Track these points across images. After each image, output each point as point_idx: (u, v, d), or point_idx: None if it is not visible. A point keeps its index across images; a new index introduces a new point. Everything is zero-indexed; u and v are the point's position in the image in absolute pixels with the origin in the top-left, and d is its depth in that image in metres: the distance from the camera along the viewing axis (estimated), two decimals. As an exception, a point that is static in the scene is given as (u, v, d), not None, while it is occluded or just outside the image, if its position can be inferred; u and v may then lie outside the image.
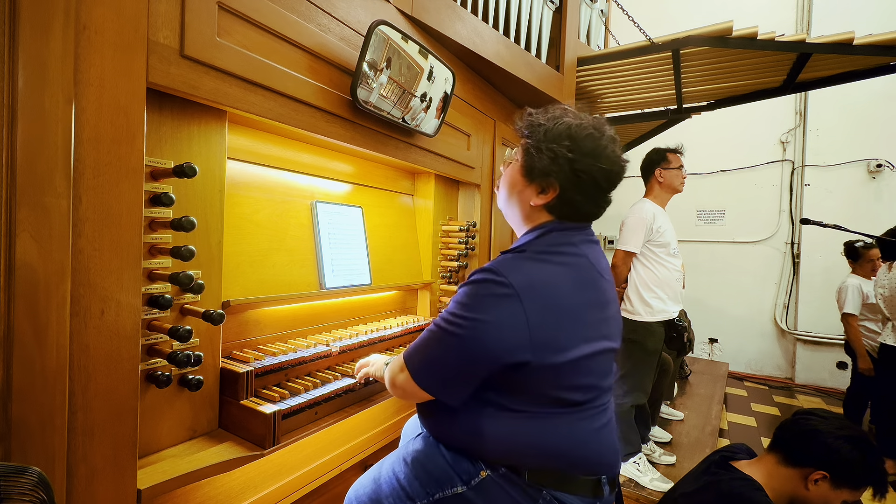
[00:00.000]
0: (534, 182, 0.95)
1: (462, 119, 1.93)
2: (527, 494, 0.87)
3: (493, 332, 0.81)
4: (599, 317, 0.92)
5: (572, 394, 0.87)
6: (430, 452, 0.98)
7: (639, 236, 2.24)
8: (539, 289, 0.83)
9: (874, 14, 3.93)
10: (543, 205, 0.95)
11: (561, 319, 0.84)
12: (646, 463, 2.25)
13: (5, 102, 0.68)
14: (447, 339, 0.87)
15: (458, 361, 0.86)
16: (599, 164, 0.90)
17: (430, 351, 0.90)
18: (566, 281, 0.88)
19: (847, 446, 1.14)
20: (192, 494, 1.09)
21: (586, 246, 0.96)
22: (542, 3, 2.25)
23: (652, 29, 2.46)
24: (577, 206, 0.94)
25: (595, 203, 0.95)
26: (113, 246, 0.81)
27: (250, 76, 1.05)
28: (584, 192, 0.92)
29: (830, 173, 4.19)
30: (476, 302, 0.84)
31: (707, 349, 4.79)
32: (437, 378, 0.90)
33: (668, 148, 2.37)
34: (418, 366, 0.91)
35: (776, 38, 2.04)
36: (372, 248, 1.70)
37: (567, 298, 0.86)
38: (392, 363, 1.02)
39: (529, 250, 0.91)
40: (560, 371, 0.84)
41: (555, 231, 0.94)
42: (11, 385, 0.69)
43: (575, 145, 0.90)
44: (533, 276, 0.85)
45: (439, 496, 0.92)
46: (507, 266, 0.85)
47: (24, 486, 0.47)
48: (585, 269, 0.92)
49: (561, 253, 0.91)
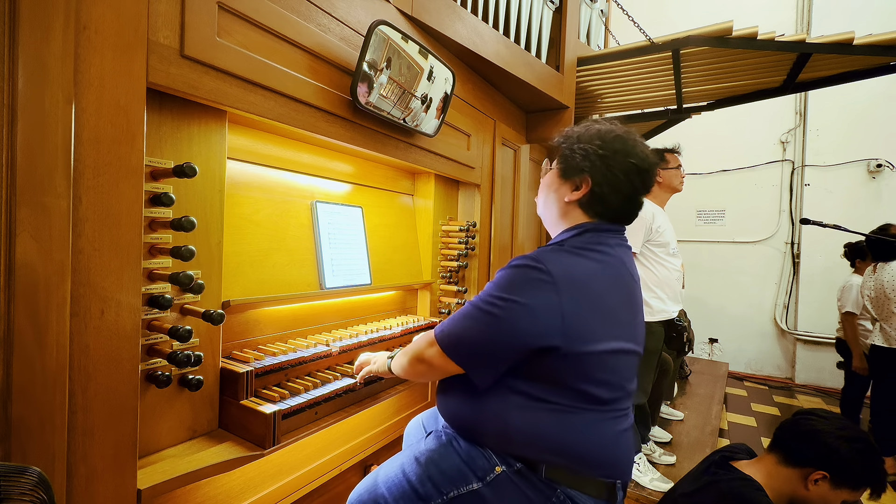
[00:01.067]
0: (568, 180, 1.00)
1: (462, 119, 1.93)
2: (540, 492, 0.88)
3: (528, 315, 0.84)
4: (629, 319, 0.95)
5: (597, 388, 0.88)
6: (444, 451, 0.98)
7: (638, 236, 2.24)
8: (575, 280, 0.87)
9: (874, 14, 3.93)
10: (577, 200, 0.99)
11: (593, 312, 0.87)
12: (646, 463, 2.25)
13: (5, 102, 0.68)
14: (483, 317, 0.89)
15: (491, 339, 0.88)
16: (629, 159, 0.95)
17: (464, 327, 0.92)
18: (601, 277, 0.91)
19: (847, 446, 1.14)
20: (192, 494, 1.09)
21: (621, 249, 0.99)
22: (542, 3, 2.25)
23: (652, 29, 2.46)
24: (610, 204, 0.97)
25: (628, 201, 0.98)
26: (113, 246, 0.81)
27: (250, 76, 1.05)
28: (615, 189, 0.96)
29: (830, 173, 4.20)
30: (514, 285, 0.87)
31: (707, 349, 4.79)
32: (468, 353, 0.91)
33: (665, 148, 2.37)
34: (451, 339, 0.93)
35: (776, 38, 2.04)
36: (372, 248, 1.70)
37: (600, 293, 0.89)
38: (418, 340, 1.03)
39: (567, 245, 0.95)
40: (587, 361, 0.86)
41: (590, 231, 0.97)
42: (11, 385, 0.69)
43: (605, 143, 0.96)
44: (570, 268, 0.88)
45: (454, 494, 0.92)
46: (547, 256, 0.89)
47: (24, 486, 0.47)
48: (619, 271, 0.95)
49: (597, 251, 0.93)
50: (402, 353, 1.08)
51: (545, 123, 2.55)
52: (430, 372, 1.00)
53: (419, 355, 1.00)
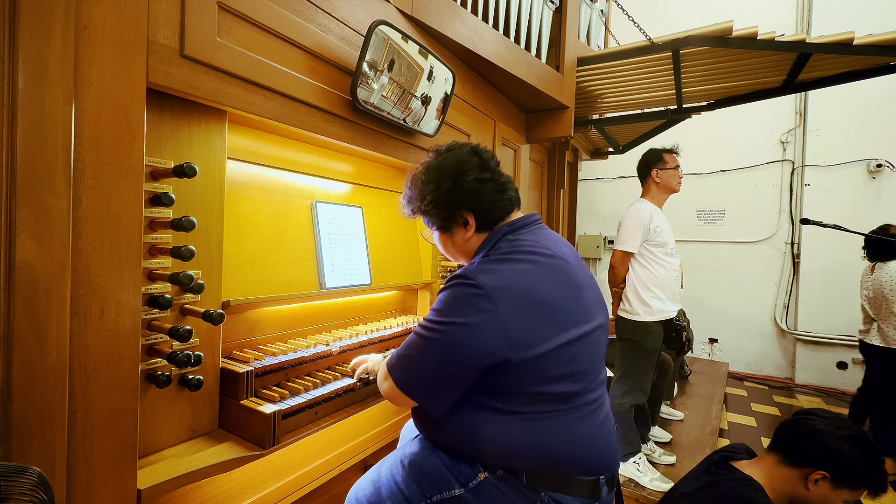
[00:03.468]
0: (453, 227, 1.04)
1: (462, 119, 1.93)
2: (525, 496, 0.88)
3: (470, 334, 0.83)
4: (575, 303, 0.92)
5: (561, 385, 0.87)
6: (426, 455, 0.98)
7: (636, 236, 2.24)
8: (508, 287, 0.86)
9: (874, 14, 3.93)
10: (475, 230, 1.02)
11: (534, 313, 0.86)
12: (646, 463, 2.25)
13: (5, 102, 0.69)
14: (426, 345, 0.89)
15: (439, 366, 0.87)
16: (468, 166, 1.01)
17: (411, 359, 0.92)
18: (533, 275, 0.90)
19: (847, 446, 1.14)
20: (192, 494, 1.09)
21: (538, 231, 1.01)
22: (542, 3, 2.25)
23: (652, 29, 2.46)
24: (495, 206, 1.02)
25: (503, 191, 1.03)
26: (113, 246, 0.81)
27: (250, 76, 1.05)
28: (488, 194, 1.01)
29: (830, 173, 4.19)
30: (451, 307, 0.87)
31: (707, 349, 4.79)
32: (420, 386, 0.91)
33: (664, 148, 2.37)
34: (401, 375, 0.92)
35: (776, 38, 2.03)
36: (372, 248, 1.70)
37: (537, 293, 0.88)
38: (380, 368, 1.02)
39: (493, 255, 0.95)
40: (542, 364, 0.85)
41: (505, 234, 1.00)
42: (11, 385, 0.69)
43: (442, 177, 1.01)
44: (500, 276, 0.88)
45: (437, 499, 0.92)
46: (476, 271, 0.89)
47: (24, 486, 0.47)
48: (550, 262, 0.94)
49: (522, 252, 0.93)
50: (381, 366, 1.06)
51: (545, 123, 2.55)
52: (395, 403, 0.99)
53: (380, 386, 1.00)
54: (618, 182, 5.29)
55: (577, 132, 3.40)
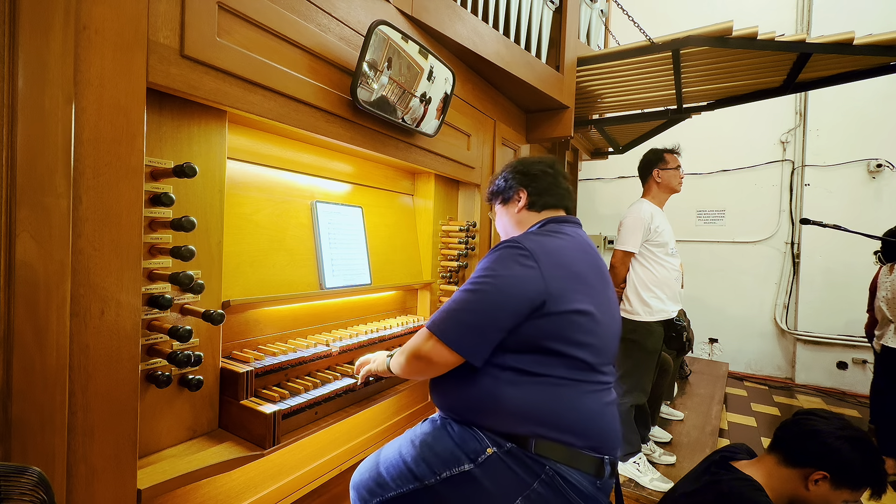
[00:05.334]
0: (509, 201, 1.26)
1: (462, 119, 1.93)
2: (530, 470, 0.93)
3: (516, 283, 0.96)
4: (600, 286, 1.07)
5: (581, 351, 0.97)
6: (437, 434, 1.04)
7: (637, 236, 2.24)
8: (549, 251, 1.01)
9: (874, 14, 3.93)
10: (525, 207, 1.22)
11: (568, 276, 1.00)
12: (646, 463, 2.25)
13: (5, 102, 0.68)
14: (475, 296, 0.97)
15: (484, 311, 0.96)
16: (540, 161, 1.25)
17: (459, 312, 0.99)
18: (569, 249, 1.06)
19: (847, 446, 1.14)
20: (192, 494, 1.09)
21: (579, 230, 1.17)
22: (542, 3, 2.25)
23: (652, 29, 2.46)
24: (547, 195, 1.21)
25: (558, 185, 1.22)
26: (113, 246, 0.81)
27: (250, 76, 1.05)
28: (545, 181, 1.21)
29: (830, 173, 4.19)
30: (499, 264, 1.00)
31: (707, 349, 4.79)
32: (466, 333, 0.97)
33: (665, 148, 2.37)
34: (448, 325, 0.98)
35: (776, 38, 2.03)
36: (372, 248, 1.70)
37: (570, 261, 1.03)
38: (412, 340, 1.06)
39: (536, 231, 1.13)
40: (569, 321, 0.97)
41: (550, 223, 1.17)
42: (11, 385, 0.69)
43: (516, 164, 1.27)
44: (543, 243, 1.03)
45: (446, 475, 0.98)
46: (523, 238, 1.04)
47: (24, 486, 0.47)
48: (583, 245, 1.11)
49: (561, 233, 1.11)
50: (401, 351, 1.10)
51: (545, 123, 2.55)
52: (428, 368, 1.03)
53: (416, 351, 1.04)
54: (618, 182, 5.29)
55: (577, 132, 3.40)
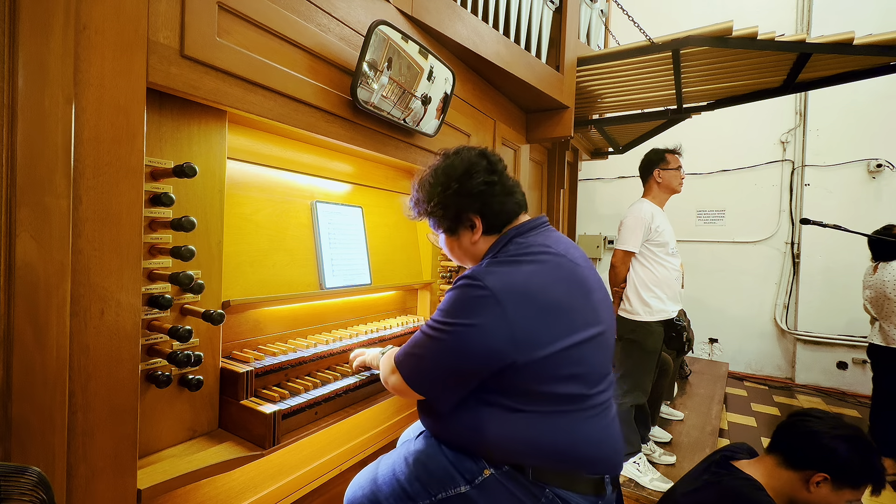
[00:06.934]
0: (460, 230, 1.04)
1: (462, 119, 1.93)
2: (529, 492, 0.88)
3: (476, 335, 0.84)
4: (584, 304, 0.92)
5: (568, 386, 0.87)
6: (431, 452, 0.98)
7: (637, 236, 2.24)
8: (515, 288, 0.86)
9: (874, 14, 3.93)
10: (482, 233, 1.02)
11: (541, 314, 0.86)
12: (646, 463, 2.25)
13: (5, 102, 0.68)
14: (433, 344, 0.90)
15: (445, 366, 0.88)
16: (476, 168, 1.01)
17: (418, 358, 0.93)
18: (540, 276, 0.90)
19: (844, 445, 1.14)
20: (192, 494, 1.09)
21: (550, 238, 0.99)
22: (542, 3, 2.25)
23: (652, 29, 2.46)
24: (502, 209, 1.01)
25: (511, 194, 1.03)
26: (113, 246, 0.81)
27: (250, 76, 1.04)
28: (495, 196, 1.00)
29: (830, 173, 4.19)
30: (457, 307, 0.88)
31: (707, 349, 4.79)
32: (427, 384, 0.92)
33: (666, 148, 2.37)
34: (408, 371, 0.94)
35: (776, 38, 2.03)
36: (372, 248, 1.70)
37: (544, 294, 0.87)
38: (384, 362, 1.04)
39: (501, 256, 0.95)
40: (549, 364, 0.85)
41: (513, 237, 0.99)
42: (11, 385, 0.69)
43: (449, 179, 1.01)
44: (508, 277, 0.88)
45: (442, 496, 0.93)
46: (484, 271, 0.89)
47: (24, 485, 0.47)
48: (559, 264, 0.93)
49: (530, 253, 0.93)
50: (384, 360, 1.07)
51: (545, 123, 2.55)
52: (401, 395, 1.01)
53: (386, 379, 1.02)
54: (618, 182, 5.29)
55: (577, 132, 3.40)
